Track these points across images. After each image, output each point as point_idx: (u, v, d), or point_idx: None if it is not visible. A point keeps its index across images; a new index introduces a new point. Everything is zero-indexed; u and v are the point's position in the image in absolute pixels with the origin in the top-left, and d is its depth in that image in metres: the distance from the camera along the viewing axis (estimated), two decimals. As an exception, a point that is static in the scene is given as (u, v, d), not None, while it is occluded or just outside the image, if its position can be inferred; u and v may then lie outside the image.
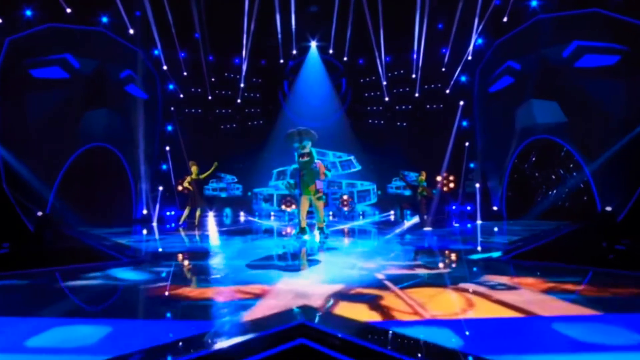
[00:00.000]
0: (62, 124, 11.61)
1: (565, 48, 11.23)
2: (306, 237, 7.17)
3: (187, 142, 16.76)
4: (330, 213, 17.42)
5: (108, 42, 12.63)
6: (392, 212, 17.83)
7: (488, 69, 13.61)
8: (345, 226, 10.94)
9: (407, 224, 10.48)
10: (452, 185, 12.06)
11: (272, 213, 17.97)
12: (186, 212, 10.93)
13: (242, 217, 17.43)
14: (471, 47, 13.58)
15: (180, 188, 11.04)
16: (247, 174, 18.25)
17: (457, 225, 10.30)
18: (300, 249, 5.80)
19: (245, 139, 18.05)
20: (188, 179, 11.03)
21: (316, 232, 7.18)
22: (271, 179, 18.51)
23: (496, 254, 4.92)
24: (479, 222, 11.23)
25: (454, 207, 15.07)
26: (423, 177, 10.61)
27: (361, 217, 17.71)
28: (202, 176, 11.05)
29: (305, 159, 6.78)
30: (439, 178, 11.89)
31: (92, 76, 12.29)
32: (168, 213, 14.66)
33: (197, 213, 10.96)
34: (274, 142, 17.21)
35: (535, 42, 11.93)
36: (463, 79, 14.72)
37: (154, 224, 11.86)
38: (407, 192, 18.17)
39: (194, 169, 10.99)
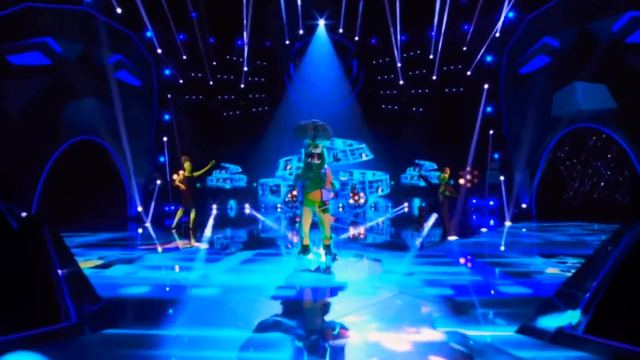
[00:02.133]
0: (44, 115, 10.23)
1: (616, 21, 9.25)
2: (310, 256, 5.74)
3: (187, 131, 15.32)
4: (340, 205, 15.96)
5: (93, 23, 11.03)
6: (405, 204, 16.28)
7: (519, 47, 11.64)
8: (356, 231, 9.46)
9: (427, 225, 8.93)
10: (476, 180, 10.45)
11: (279, 205, 16.59)
12: (178, 214, 9.56)
13: (247, 209, 16.11)
14: (500, 23, 11.59)
15: (175, 184, 9.67)
16: (252, 164, 16.79)
17: (484, 230, 8.71)
18: (302, 293, 4.34)
19: (249, 127, 16.50)
20: (180, 176, 9.63)
21: (321, 251, 5.74)
22: (278, 169, 17.04)
23: (572, 317, 3.36)
24: (507, 223, 9.63)
25: (474, 201, 13.43)
26: (446, 174, 8.96)
27: (373, 209, 16.23)
28: (196, 174, 9.62)
29: (315, 161, 5.30)
30: (461, 173, 10.24)
31: (77, 62, 10.80)
32: (167, 208, 13.40)
33: (192, 215, 9.59)
34: (280, 130, 15.61)
35: (578, 14, 9.95)
36: (489, 59, 12.76)
37: (148, 224, 10.56)
38: (423, 183, 16.55)
39: (186, 165, 9.55)
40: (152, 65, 13.20)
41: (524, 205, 10.96)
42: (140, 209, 11.88)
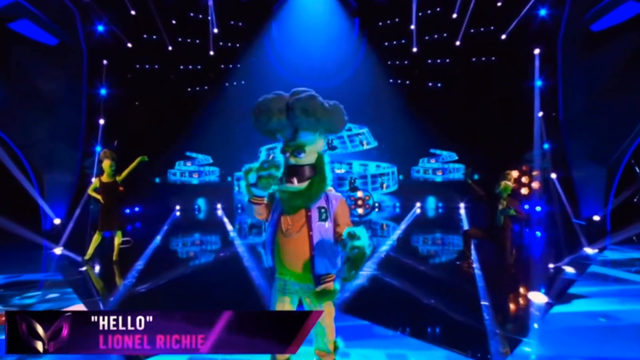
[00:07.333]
0: None
1: None
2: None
3: (137, 111, 11.68)
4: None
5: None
6: (417, 204, 13.02)
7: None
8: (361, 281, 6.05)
9: (475, 267, 5.60)
10: (535, 185, 7.26)
11: (260, 205, 13.16)
12: (95, 239, 6.05)
13: (220, 210, 12.68)
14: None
15: (90, 193, 6.18)
16: (225, 153, 13.24)
17: (570, 271, 5.45)
18: None
19: (221, 106, 12.88)
20: (95, 182, 6.13)
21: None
22: (258, 160, 13.50)
23: None
24: (589, 250, 6.45)
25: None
26: (510, 181, 5.63)
27: (377, 209, 12.93)
28: (120, 177, 6.12)
29: (295, 184, 1.99)
30: (515, 173, 6.95)
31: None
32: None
33: (116, 240, 6.14)
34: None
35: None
36: (542, 12, 9.26)
37: (60, 249, 7.03)
38: (438, 178, 13.27)
39: (106, 165, 6.00)
40: (77, 17, 9.36)
41: (596, 217, 7.80)
42: (57, 221, 8.34)
